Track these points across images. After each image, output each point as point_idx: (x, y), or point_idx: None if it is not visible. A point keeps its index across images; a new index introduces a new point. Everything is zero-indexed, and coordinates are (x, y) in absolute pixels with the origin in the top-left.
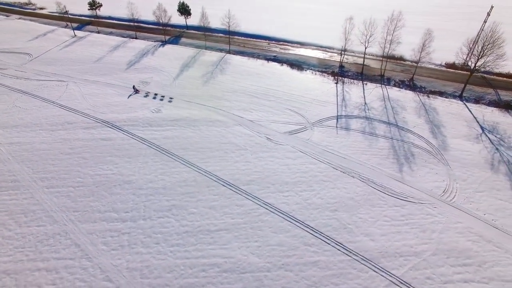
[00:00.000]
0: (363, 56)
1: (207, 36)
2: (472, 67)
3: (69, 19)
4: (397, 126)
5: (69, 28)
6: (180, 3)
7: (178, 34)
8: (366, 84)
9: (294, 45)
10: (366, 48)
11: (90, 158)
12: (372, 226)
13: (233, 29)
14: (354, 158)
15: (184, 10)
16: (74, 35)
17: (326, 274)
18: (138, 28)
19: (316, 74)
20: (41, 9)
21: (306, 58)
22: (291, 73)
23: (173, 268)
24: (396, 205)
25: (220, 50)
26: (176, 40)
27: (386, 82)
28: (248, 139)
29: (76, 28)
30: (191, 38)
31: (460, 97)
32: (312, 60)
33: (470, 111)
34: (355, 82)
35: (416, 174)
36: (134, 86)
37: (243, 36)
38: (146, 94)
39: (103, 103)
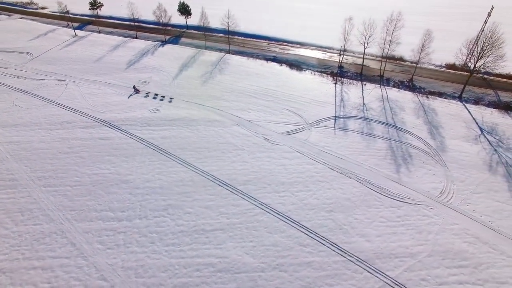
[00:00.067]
0: (363, 56)
1: (207, 36)
2: (471, 68)
3: (70, 19)
4: (395, 127)
5: (70, 27)
6: (180, 3)
7: (178, 34)
8: (365, 84)
9: (294, 45)
10: (365, 48)
11: (88, 157)
12: (368, 227)
13: (232, 29)
14: (352, 158)
15: (184, 10)
16: (75, 35)
17: (320, 274)
18: (138, 28)
19: (315, 74)
20: (43, 8)
21: (305, 58)
22: (290, 73)
23: (167, 267)
24: (392, 206)
25: (219, 50)
26: (176, 40)
27: (386, 82)
28: (245, 139)
29: (77, 27)
30: (191, 38)
31: (459, 98)
32: (311, 60)
33: (469, 112)
34: (354, 82)
35: (413, 175)
36: (134, 86)
37: (243, 36)
38: (147, 94)
39: (102, 103)
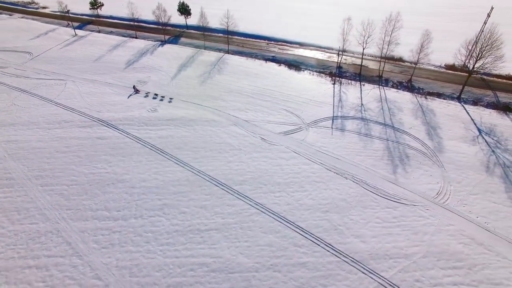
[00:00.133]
0: (361, 57)
1: (207, 36)
2: (470, 69)
3: (70, 18)
4: (393, 128)
5: (70, 27)
6: (180, 3)
7: (178, 34)
8: (363, 85)
9: (293, 45)
10: (364, 49)
11: (85, 156)
12: (363, 227)
13: (232, 29)
14: (348, 159)
15: (184, 10)
16: (75, 34)
17: (314, 275)
18: (138, 27)
19: (313, 74)
20: (44, 8)
21: (304, 58)
22: (289, 73)
23: (162, 267)
24: (388, 207)
25: (219, 50)
26: (175, 40)
27: (384, 83)
28: (242, 139)
29: (77, 27)
30: (191, 38)
31: (458, 98)
32: (310, 60)
33: (468, 113)
34: (353, 83)
35: (410, 176)
36: (134, 86)
37: (242, 36)
38: (147, 94)
39: (100, 102)
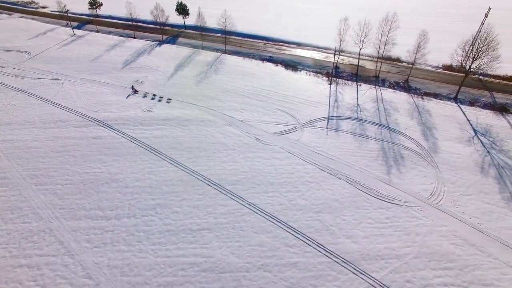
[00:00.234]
0: (358, 57)
1: (204, 36)
2: (467, 69)
3: (69, 18)
4: (388, 128)
5: (69, 27)
6: (178, 3)
7: (176, 33)
8: (360, 85)
9: (291, 45)
10: (360, 49)
11: (80, 156)
12: (355, 228)
13: (229, 29)
14: (342, 159)
15: (182, 10)
16: (74, 34)
17: (305, 275)
18: (136, 27)
19: (310, 74)
20: (43, 8)
21: (301, 58)
22: (285, 73)
23: (153, 266)
24: (381, 207)
25: (216, 50)
26: (173, 39)
27: (381, 83)
28: (237, 139)
29: (76, 27)
30: (189, 38)
31: (454, 99)
32: (307, 60)
33: (464, 114)
34: (349, 83)
35: (404, 176)
36: (133, 86)
37: (240, 36)
38: (145, 95)
39: (97, 102)
